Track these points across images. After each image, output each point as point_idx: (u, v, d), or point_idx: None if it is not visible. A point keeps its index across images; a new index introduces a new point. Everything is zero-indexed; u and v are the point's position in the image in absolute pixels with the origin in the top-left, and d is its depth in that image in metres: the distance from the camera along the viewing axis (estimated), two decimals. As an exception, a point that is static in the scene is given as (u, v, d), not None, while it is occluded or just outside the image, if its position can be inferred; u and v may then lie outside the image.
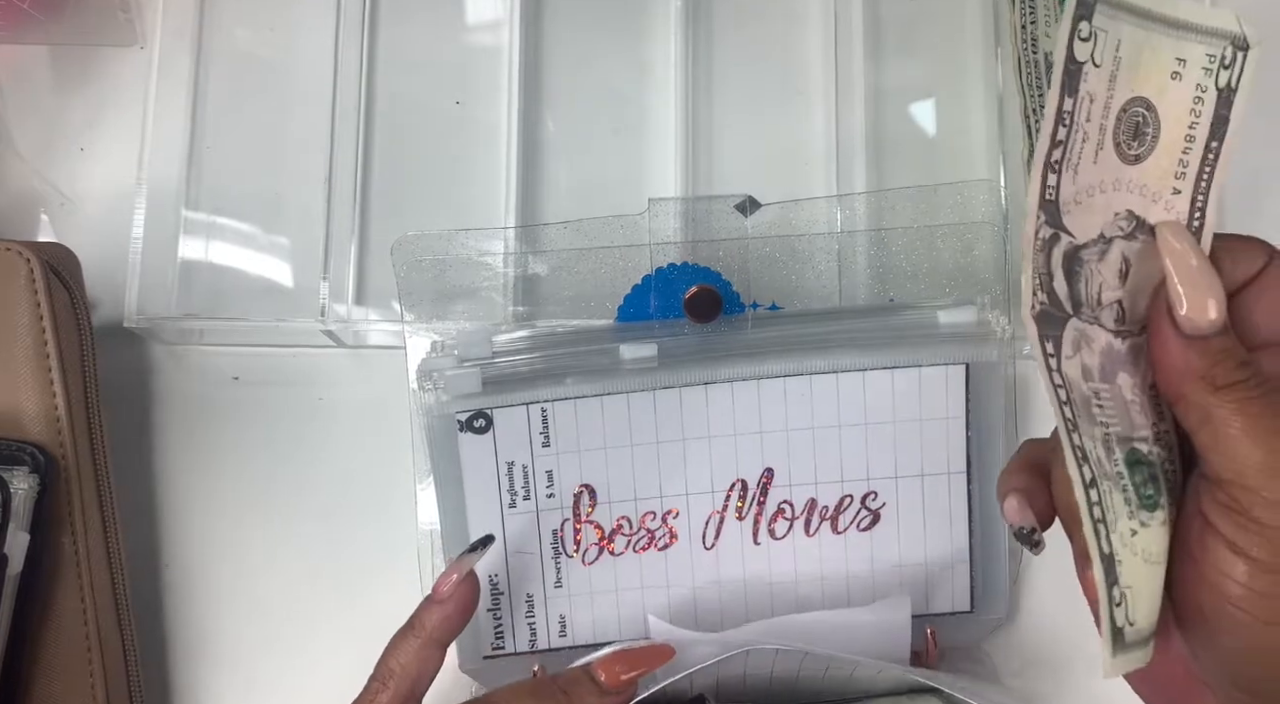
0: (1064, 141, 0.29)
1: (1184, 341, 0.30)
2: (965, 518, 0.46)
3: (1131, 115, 0.30)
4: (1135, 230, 0.31)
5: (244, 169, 0.53)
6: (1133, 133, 0.30)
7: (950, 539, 0.47)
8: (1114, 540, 0.29)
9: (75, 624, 0.44)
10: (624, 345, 0.45)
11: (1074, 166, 0.30)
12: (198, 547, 0.51)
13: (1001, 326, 0.46)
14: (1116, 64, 0.30)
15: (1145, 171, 0.30)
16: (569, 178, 0.53)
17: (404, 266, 0.47)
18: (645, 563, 0.47)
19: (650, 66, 0.54)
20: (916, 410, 0.46)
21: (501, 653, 0.47)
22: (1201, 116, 0.30)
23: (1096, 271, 0.31)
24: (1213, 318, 0.30)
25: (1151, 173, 0.31)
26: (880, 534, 0.47)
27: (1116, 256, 0.31)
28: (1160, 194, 0.31)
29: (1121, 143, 0.30)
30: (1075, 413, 0.30)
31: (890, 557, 0.47)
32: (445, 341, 0.47)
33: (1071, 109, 0.29)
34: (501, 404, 0.45)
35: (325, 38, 0.53)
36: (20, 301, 0.44)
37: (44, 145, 0.53)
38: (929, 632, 0.47)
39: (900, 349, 0.45)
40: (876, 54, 0.54)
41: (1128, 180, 0.30)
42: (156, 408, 0.52)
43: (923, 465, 0.46)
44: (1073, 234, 0.30)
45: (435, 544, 0.47)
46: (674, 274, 0.47)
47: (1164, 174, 0.31)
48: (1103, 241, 0.31)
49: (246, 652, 0.50)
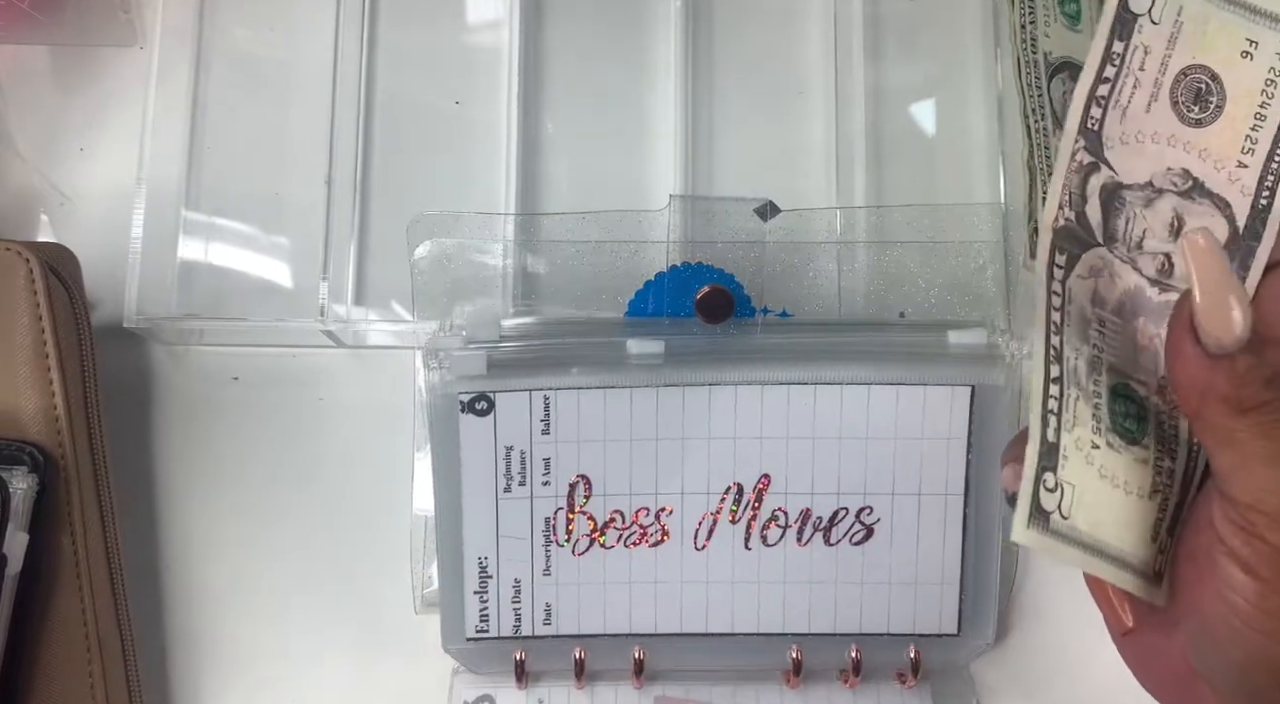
0: (1111, 80, 0.31)
1: (1207, 360, 0.29)
2: (959, 540, 0.46)
3: (1194, 80, 0.31)
4: (1193, 191, 0.31)
5: (244, 169, 0.53)
6: (1194, 97, 0.31)
7: (942, 560, 0.46)
8: (1064, 437, 0.31)
9: (74, 624, 0.44)
10: (631, 340, 0.45)
11: (1122, 107, 0.31)
12: (198, 547, 0.51)
13: (1011, 351, 0.46)
14: (1178, 28, 0.31)
15: (1208, 136, 0.31)
16: (569, 178, 0.53)
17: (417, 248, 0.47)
18: (635, 558, 0.47)
19: (650, 66, 0.54)
20: (919, 428, 0.46)
21: (485, 636, 0.47)
22: (1275, 98, 0.31)
23: (1141, 215, 0.32)
24: (1238, 335, 0.28)
25: (1215, 140, 0.31)
26: (872, 549, 0.46)
27: (1167, 210, 0.31)
28: (1224, 163, 0.31)
29: (1181, 102, 0.31)
30: (1065, 321, 0.31)
31: (880, 573, 0.47)
32: (453, 322, 0.47)
33: (1122, 52, 0.30)
34: (505, 388, 0.45)
35: (325, 38, 0.53)
36: (20, 302, 0.44)
37: (44, 145, 0.53)
38: (913, 652, 0.47)
39: (907, 366, 0.45)
40: (876, 54, 0.54)
41: (1186, 140, 0.31)
42: (156, 408, 0.52)
43: (921, 484, 0.46)
44: (1115, 170, 0.31)
45: (429, 529, 0.47)
46: (687, 273, 0.47)
47: (1229, 144, 0.31)
48: (1151, 190, 0.31)
49: (246, 651, 0.50)
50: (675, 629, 0.47)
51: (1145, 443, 0.32)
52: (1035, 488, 0.31)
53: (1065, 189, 0.31)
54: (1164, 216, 0.32)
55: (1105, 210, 0.32)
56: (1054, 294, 0.32)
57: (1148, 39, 0.31)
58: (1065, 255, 0.32)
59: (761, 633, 0.47)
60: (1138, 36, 0.31)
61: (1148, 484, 0.32)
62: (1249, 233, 0.31)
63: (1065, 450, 0.31)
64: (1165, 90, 0.31)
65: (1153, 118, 0.31)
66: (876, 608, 0.47)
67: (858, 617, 0.47)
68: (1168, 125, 0.31)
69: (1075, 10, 0.53)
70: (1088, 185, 0.31)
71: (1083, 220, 0.32)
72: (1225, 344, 0.28)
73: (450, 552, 0.46)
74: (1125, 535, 0.32)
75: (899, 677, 0.48)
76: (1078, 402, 0.31)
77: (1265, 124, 0.31)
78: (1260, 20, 0.31)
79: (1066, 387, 0.31)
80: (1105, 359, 0.32)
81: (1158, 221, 0.32)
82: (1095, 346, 0.32)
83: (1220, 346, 0.29)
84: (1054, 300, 0.32)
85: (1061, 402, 0.31)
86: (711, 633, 0.47)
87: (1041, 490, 0.31)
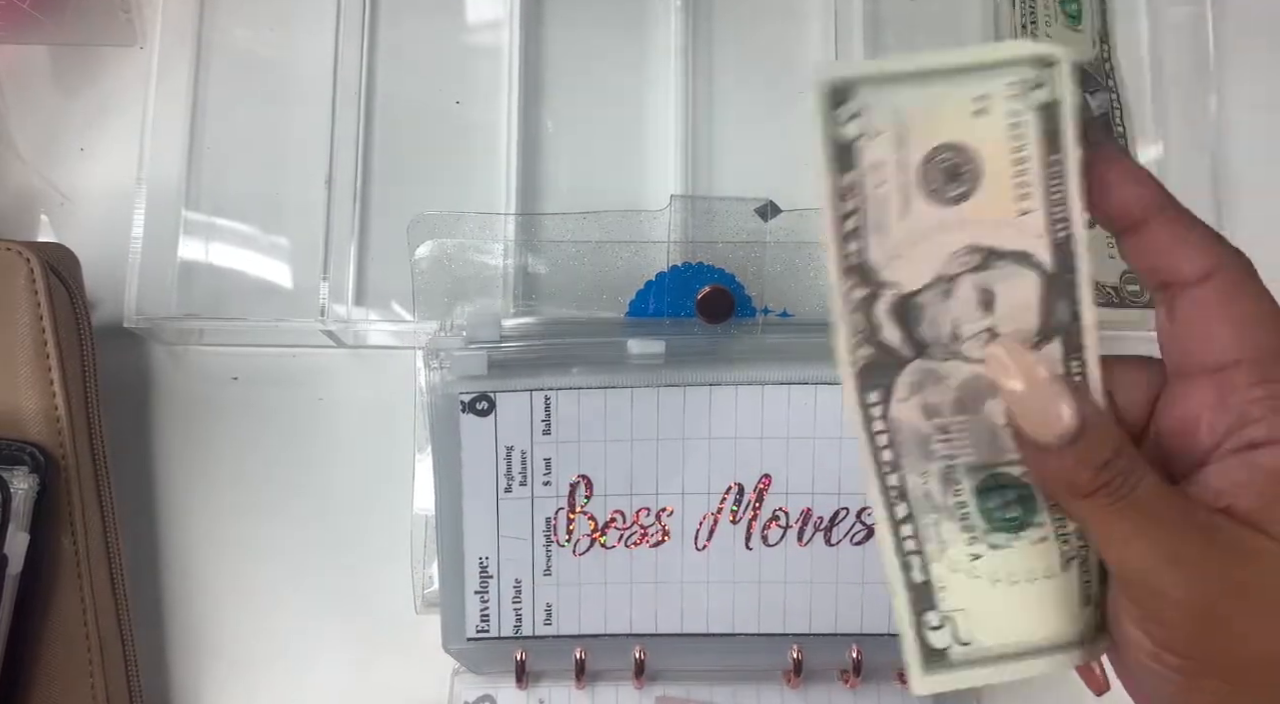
0: (855, 211, 0.30)
1: (1039, 452, 0.29)
2: None
3: (939, 162, 0.31)
4: (987, 260, 0.31)
5: (244, 169, 0.53)
6: (947, 177, 0.31)
7: None
8: (935, 569, 0.31)
9: (75, 624, 0.44)
10: (632, 340, 0.45)
11: (878, 229, 0.31)
12: (197, 546, 0.51)
13: None
14: (902, 126, 0.31)
15: (979, 205, 0.31)
16: (569, 178, 0.53)
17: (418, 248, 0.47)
18: (636, 558, 0.47)
19: (650, 66, 0.54)
20: None
21: (485, 636, 0.47)
22: (1026, 138, 0.31)
23: (945, 309, 0.31)
24: (1060, 433, 0.28)
25: (987, 203, 0.31)
26: (874, 550, 0.46)
27: (970, 290, 0.31)
28: (1006, 219, 0.31)
29: (936, 190, 0.31)
30: (898, 454, 0.31)
31: (881, 574, 0.47)
32: (454, 322, 0.47)
33: (854, 181, 0.30)
34: (505, 388, 0.45)
35: (325, 38, 0.53)
36: (20, 301, 0.44)
37: (44, 145, 0.53)
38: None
39: None
40: (876, 54, 0.54)
41: (958, 219, 0.31)
42: (156, 408, 0.52)
43: None
44: (897, 286, 0.31)
45: (429, 529, 0.47)
46: (688, 273, 0.47)
47: (1003, 200, 0.31)
48: (944, 282, 0.31)
49: (246, 651, 0.50)
50: (676, 629, 0.47)
51: (1037, 521, 0.32)
52: (919, 633, 0.31)
53: (851, 330, 0.31)
54: (969, 298, 0.31)
55: (903, 326, 0.31)
56: (877, 435, 0.31)
57: (874, 155, 0.31)
58: (877, 390, 0.31)
59: (762, 633, 0.47)
60: (863, 158, 0.30)
61: (1055, 560, 0.32)
62: (1062, 267, 0.31)
63: (939, 582, 0.31)
64: (915, 188, 0.31)
65: (913, 218, 0.31)
66: (877, 608, 0.47)
67: (858, 617, 0.47)
68: (932, 217, 0.31)
69: (1076, 10, 0.54)
70: (874, 314, 0.31)
71: (882, 348, 0.31)
72: (1050, 444, 0.29)
73: (451, 552, 0.46)
74: (1047, 621, 0.32)
75: (899, 677, 0.48)
76: (939, 525, 0.31)
77: (1029, 164, 0.31)
78: (977, 75, 0.31)
79: (921, 517, 0.31)
80: (961, 464, 0.32)
81: (965, 306, 0.31)
82: (945, 457, 0.32)
83: (1047, 446, 0.29)
84: (879, 440, 0.31)
85: (919, 537, 0.31)
86: (712, 633, 0.47)
87: (927, 632, 0.31)
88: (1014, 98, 0.31)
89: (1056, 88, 0.30)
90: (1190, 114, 0.54)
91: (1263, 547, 0.28)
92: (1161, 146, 0.54)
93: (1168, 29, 0.55)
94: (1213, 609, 0.28)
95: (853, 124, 0.30)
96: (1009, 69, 0.31)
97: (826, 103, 0.30)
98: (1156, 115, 0.54)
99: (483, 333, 0.46)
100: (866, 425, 0.31)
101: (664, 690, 0.48)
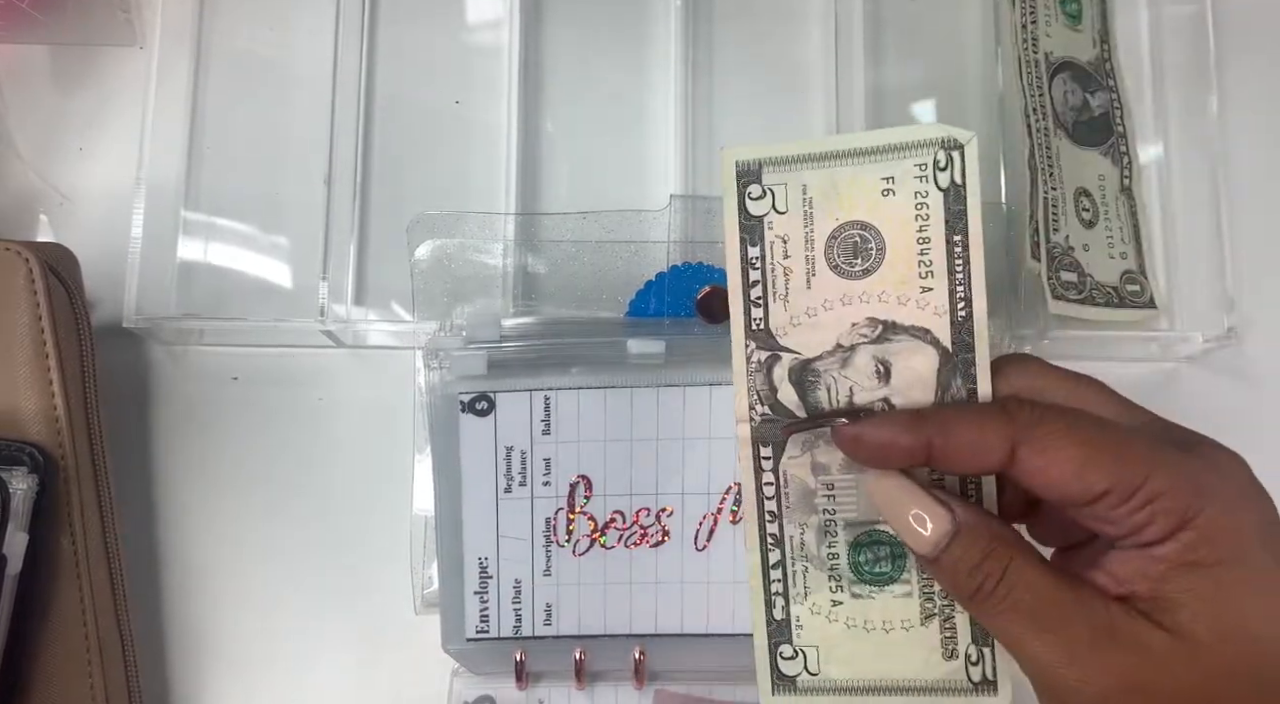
0: (760, 281, 0.33)
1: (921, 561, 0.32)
2: None
3: (846, 239, 0.33)
4: (886, 333, 0.33)
5: (243, 169, 0.53)
6: (852, 252, 0.33)
7: None
8: (795, 609, 0.34)
9: (74, 624, 0.44)
10: (632, 340, 0.45)
11: (781, 297, 0.33)
12: (197, 547, 0.51)
13: (1010, 347, 0.46)
14: (808, 204, 0.32)
15: (882, 279, 0.33)
16: (569, 178, 0.53)
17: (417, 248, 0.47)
18: (635, 558, 0.47)
19: (650, 66, 0.54)
20: None
21: (485, 636, 0.47)
22: (931, 218, 0.32)
23: (841, 376, 0.33)
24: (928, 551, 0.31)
25: (890, 280, 0.33)
26: None
27: (867, 360, 0.33)
28: (907, 294, 0.33)
29: (841, 263, 0.33)
30: (783, 505, 0.34)
31: None
32: (453, 322, 0.47)
33: (760, 254, 0.33)
34: (505, 388, 0.45)
35: (325, 38, 0.53)
36: (20, 301, 0.44)
37: (44, 145, 0.53)
38: None
39: None
40: (876, 54, 0.54)
41: (860, 293, 0.33)
42: (156, 408, 0.52)
43: None
44: (797, 351, 0.33)
45: (429, 529, 0.47)
46: (688, 273, 0.47)
47: (904, 278, 0.33)
48: (842, 351, 0.33)
49: (245, 651, 0.50)
50: (676, 629, 0.47)
51: (904, 578, 0.34)
52: (772, 659, 0.34)
53: (750, 390, 0.33)
54: (866, 368, 0.33)
55: (800, 389, 0.33)
56: (765, 486, 0.34)
57: (781, 229, 0.32)
58: (770, 445, 0.34)
59: None
60: (770, 232, 0.32)
61: (915, 613, 0.34)
62: (960, 346, 0.32)
63: (798, 621, 0.34)
64: (820, 261, 0.33)
65: (817, 290, 0.33)
66: None
67: None
68: (836, 289, 0.33)
69: (1076, 10, 0.54)
70: (773, 376, 0.33)
71: (779, 409, 0.33)
72: (926, 553, 0.31)
73: (450, 552, 0.46)
74: (899, 667, 0.34)
75: None
76: (807, 573, 0.34)
77: (933, 243, 0.32)
78: (885, 157, 0.32)
79: (792, 564, 0.34)
80: (840, 519, 0.34)
81: (861, 375, 0.33)
82: (826, 512, 0.34)
83: (924, 555, 0.31)
84: (766, 491, 0.34)
85: (787, 581, 0.34)
86: (712, 633, 0.47)
87: (779, 660, 0.34)
88: (920, 179, 0.32)
89: (962, 170, 0.32)
90: (1190, 114, 0.54)
91: (1158, 643, 0.29)
92: (1161, 146, 0.54)
93: (1168, 29, 0.55)
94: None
95: (762, 201, 0.32)
96: (917, 151, 0.32)
97: (736, 181, 0.32)
98: (1156, 115, 0.54)
99: (482, 333, 0.46)
100: (756, 476, 0.34)
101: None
